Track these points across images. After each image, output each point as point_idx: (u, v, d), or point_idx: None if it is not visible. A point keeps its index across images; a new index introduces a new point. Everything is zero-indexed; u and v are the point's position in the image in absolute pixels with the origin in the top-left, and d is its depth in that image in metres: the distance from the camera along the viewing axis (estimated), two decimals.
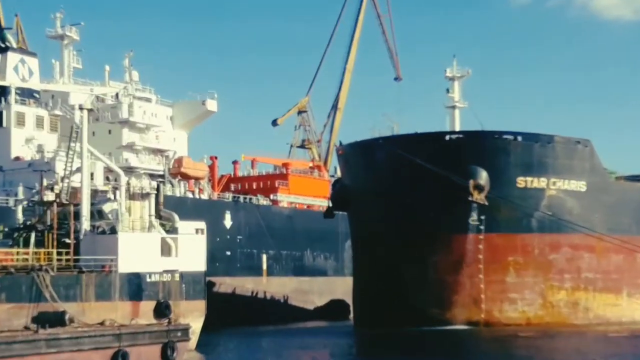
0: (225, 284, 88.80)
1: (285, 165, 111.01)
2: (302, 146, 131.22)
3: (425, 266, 69.92)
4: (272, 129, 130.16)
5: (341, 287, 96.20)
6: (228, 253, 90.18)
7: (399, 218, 70.57)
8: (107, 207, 65.31)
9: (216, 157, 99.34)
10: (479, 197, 68.52)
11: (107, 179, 77.41)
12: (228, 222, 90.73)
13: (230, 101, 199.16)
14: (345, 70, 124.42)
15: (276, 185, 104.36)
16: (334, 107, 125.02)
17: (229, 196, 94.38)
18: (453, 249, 69.74)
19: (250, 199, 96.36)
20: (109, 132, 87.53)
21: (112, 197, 68.16)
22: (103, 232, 62.48)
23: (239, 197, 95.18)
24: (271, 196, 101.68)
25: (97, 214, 64.86)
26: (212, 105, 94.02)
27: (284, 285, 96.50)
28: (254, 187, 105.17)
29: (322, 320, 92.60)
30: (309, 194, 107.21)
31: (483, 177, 68.86)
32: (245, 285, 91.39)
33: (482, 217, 69.50)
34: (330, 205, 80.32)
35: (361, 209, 74.83)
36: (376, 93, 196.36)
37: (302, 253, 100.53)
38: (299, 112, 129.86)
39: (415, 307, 69.29)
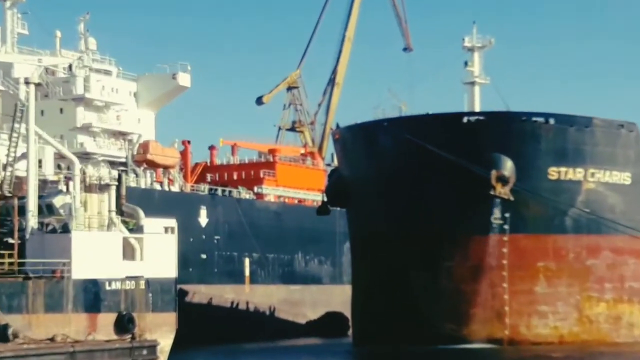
0: (200, 293, 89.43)
1: (272, 151, 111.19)
2: (292, 129, 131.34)
3: (438, 273, 70.36)
4: (256, 109, 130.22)
5: (339, 297, 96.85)
6: (203, 256, 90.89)
7: (406, 216, 70.98)
8: (58, 201, 65.75)
9: (189, 142, 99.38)
10: (502, 191, 68.78)
11: (59, 167, 77.97)
12: (203, 219, 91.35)
13: (206, 75, 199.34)
14: (344, 38, 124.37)
15: (261, 175, 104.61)
16: (331, 82, 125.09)
17: (204, 188, 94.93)
18: (471, 253, 70.15)
19: (230, 191, 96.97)
20: (61, 110, 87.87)
21: (64, 188, 68.77)
22: (53, 231, 62.90)
23: (216, 190, 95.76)
24: (255, 188, 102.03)
25: (46, 209, 65.24)
26: (184, 79, 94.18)
27: (270, 295, 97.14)
28: (235, 177, 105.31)
29: (315, 336, 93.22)
30: (300, 186, 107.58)
31: (508, 167, 69.19)
32: (224, 294, 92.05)
33: (507, 215, 69.91)
34: (325, 199, 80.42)
35: (362, 204, 75.15)
36: (381, 66, 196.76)
37: (292, 257, 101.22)
38: (289, 88, 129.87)
39: (426, 322, 69.70)
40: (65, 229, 62.13)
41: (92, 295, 60.00)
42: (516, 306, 70.27)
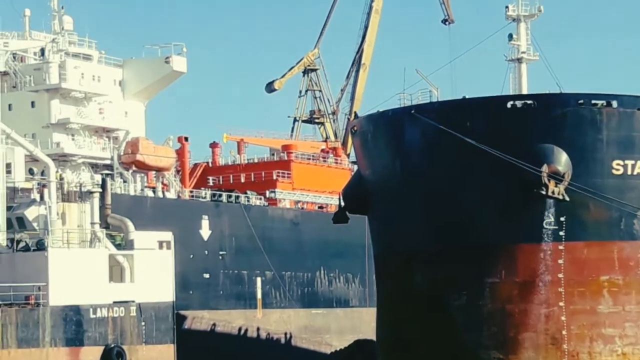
0: (203, 319, 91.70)
1: (286, 148, 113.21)
2: (310, 120, 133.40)
3: (480, 291, 70.90)
4: (266, 97, 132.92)
5: (370, 323, 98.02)
6: (206, 276, 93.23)
7: (439, 223, 71.50)
8: (30, 213, 68.27)
9: (187, 139, 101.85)
10: (556, 190, 68.66)
11: (31, 172, 79.67)
12: (205, 231, 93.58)
13: (206, 58, 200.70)
14: (371, 10, 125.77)
15: (274, 177, 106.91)
16: (356, 63, 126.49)
17: (205, 194, 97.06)
18: (520, 266, 70.48)
19: (237, 197, 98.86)
20: (32, 104, 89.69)
21: (37, 198, 70.98)
22: (26, 249, 65.40)
23: (220, 195, 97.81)
24: (267, 193, 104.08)
25: (16, 222, 67.89)
26: (179, 63, 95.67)
27: (287, 321, 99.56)
28: (242, 180, 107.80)
29: None
30: (321, 189, 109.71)
31: (562, 160, 69.24)
32: (231, 321, 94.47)
33: (562, 219, 70.10)
34: (342, 205, 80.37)
35: (385, 211, 75.48)
36: (417, 43, 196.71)
37: (313, 275, 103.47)
38: (306, 72, 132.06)
39: (466, 351, 70.42)
40: (40, 246, 64.40)
41: (74, 326, 62.22)
42: (576, 329, 70.28)
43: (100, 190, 73.77)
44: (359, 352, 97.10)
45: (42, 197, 69.90)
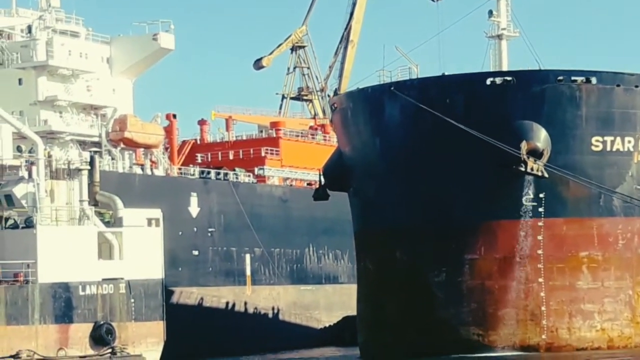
0: (192, 296, 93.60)
1: (275, 125, 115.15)
2: (298, 97, 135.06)
3: (459, 268, 72.68)
4: (255, 74, 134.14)
5: None
6: (195, 253, 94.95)
7: (419, 200, 73.00)
8: (19, 191, 69.38)
9: (175, 116, 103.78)
10: (535, 167, 70.31)
11: (19, 149, 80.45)
12: (194, 208, 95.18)
13: (193, 35, 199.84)
14: None
15: (262, 154, 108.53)
16: (344, 40, 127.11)
17: (194, 171, 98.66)
18: (499, 242, 72.24)
19: (226, 174, 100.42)
20: (19, 81, 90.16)
21: (26, 175, 72.62)
22: (14, 226, 66.93)
23: (209, 173, 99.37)
24: (256, 170, 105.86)
25: (5, 200, 69.22)
26: (167, 40, 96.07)
27: (276, 298, 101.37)
28: (231, 157, 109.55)
29: (331, 345, 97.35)
30: (309, 165, 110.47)
31: (541, 137, 70.88)
32: (220, 297, 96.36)
33: (541, 196, 71.83)
34: (322, 182, 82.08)
35: (365, 189, 77.20)
36: (405, 20, 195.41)
37: (301, 251, 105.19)
38: (294, 49, 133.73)
39: (445, 327, 72.08)
40: (29, 224, 65.65)
41: (63, 303, 63.53)
42: (555, 305, 72.11)
43: (89, 167, 74.74)
44: (348, 328, 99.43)
45: (30, 175, 70.61)
